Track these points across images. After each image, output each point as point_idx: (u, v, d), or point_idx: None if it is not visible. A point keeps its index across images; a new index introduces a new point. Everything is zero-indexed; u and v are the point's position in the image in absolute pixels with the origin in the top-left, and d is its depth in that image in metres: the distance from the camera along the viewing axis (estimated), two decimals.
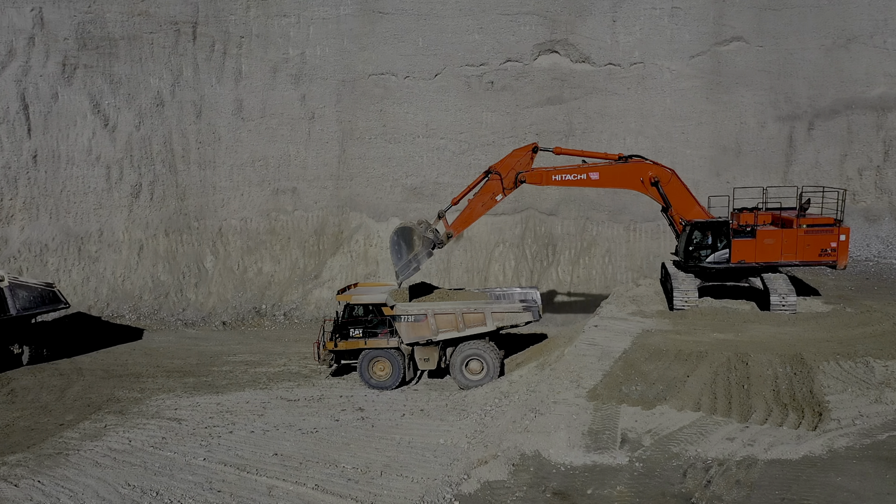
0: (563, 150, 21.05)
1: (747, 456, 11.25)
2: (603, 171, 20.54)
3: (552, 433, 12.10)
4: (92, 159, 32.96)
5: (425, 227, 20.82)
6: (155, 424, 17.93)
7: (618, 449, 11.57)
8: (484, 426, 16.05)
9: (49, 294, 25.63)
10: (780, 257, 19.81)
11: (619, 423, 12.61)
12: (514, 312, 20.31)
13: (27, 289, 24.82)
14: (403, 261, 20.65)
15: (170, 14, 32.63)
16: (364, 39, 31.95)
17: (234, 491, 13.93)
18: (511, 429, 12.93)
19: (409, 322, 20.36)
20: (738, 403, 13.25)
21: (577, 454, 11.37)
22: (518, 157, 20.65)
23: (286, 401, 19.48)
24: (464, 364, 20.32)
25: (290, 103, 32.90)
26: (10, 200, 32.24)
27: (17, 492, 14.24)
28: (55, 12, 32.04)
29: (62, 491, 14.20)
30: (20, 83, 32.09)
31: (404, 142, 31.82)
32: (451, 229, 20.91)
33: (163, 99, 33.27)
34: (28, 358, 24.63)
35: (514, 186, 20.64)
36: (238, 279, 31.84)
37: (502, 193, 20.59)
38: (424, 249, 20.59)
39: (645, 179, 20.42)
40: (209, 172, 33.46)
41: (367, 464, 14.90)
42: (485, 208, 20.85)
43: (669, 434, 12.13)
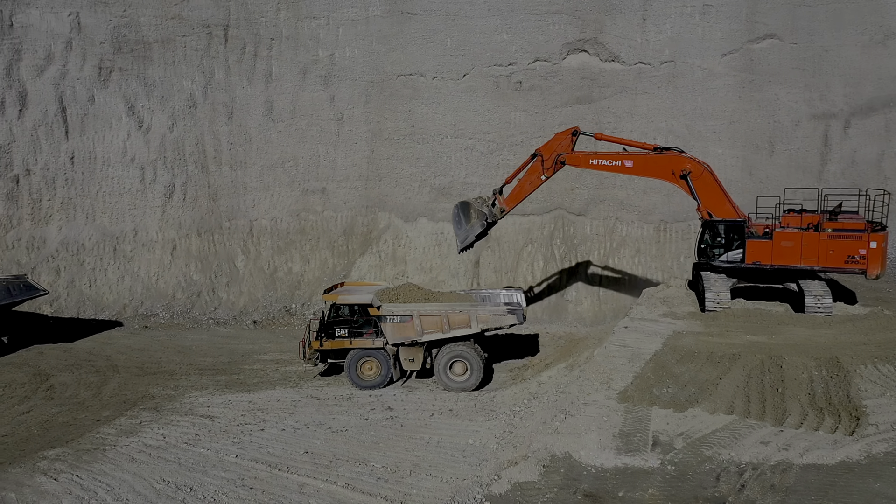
0: (603, 137, 22.16)
1: (782, 460, 11.08)
2: (637, 159, 20.92)
3: (583, 435, 12.04)
4: (127, 160, 33.65)
5: (481, 202, 23.06)
6: (188, 421, 18.23)
7: (649, 451, 11.48)
8: (513, 427, 16.04)
9: (20, 285, 26.62)
10: (798, 261, 19.27)
11: (651, 425, 12.50)
12: (498, 315, 20.54)
13: None
14: (462, 231, 23.04)
15: (202, 17, 33.14)
16: (393, 40, 32.09)
17: (265, 488, 14.11)
18: (541, 430, 12.90)
19: (394, 323, 20.57)
20: (772, 407, 13.05)
21: (608, 456, 11.30)
22: (560, 140, 21.91)
23: (316, 399, 19.68)
24: (448, 366, 20.46)
25: (319, 104, 33.19)
26: (49, 201, 33.05)
27: (57, 486, 14.60)
28: (92, 17, 32.75)
29: (99, 485, 14.52)
30: (58, 86, 32.87)
31: (432, 142, 31.90)
32: (503, 204, 22.70)
33: (195, 101, 33.80)
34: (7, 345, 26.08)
35: (555, 167, 21.84)
36: (268, 278, 32.21)
37: (545, 174, 21.96)
38: (479, 221, 22.63)
39: (676, 172, 20.35)
40: (240, 173, 33.91)
41: (396, 463, 14.98)
42: (531, 187, 22.37)
43: (702, 437, 11.99)
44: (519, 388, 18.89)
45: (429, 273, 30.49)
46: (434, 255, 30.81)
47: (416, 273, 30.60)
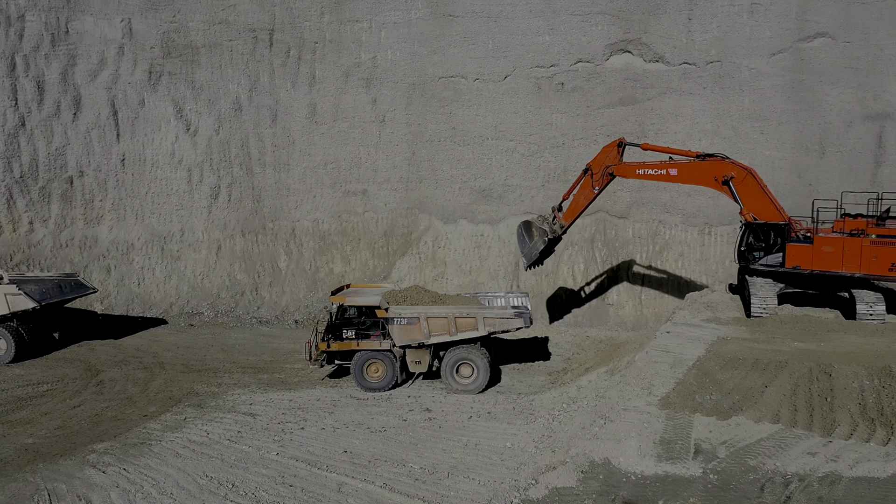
0: (649, 146, 22.52)
1: (830, 472, 10.74)
2: (681, 167, 21.08)
3: (622, 441, 11.87)
4: (174, 162, 34.51)
5: (542, 220, 24.24)
6: (231, 418, 18.58)
7: (691, 459, 11.25)
8: (551, 431, 15.92)
9: (71, 283, 27.44)
10: (840, 267, 18.66)
11: (693, 432, 12.25)
12: (505, 318, 20.51)
13: (37, 282, 26.47)
14: (526, 249, 24.18)
15: (248, 22, 33.78)
16: (434, 43, 32.19)
17: (305, 486, 14.29)
18: (580, 435, 12.76)
19: (401, 325, 20.53)
20: (820, 417, 12.66)
21: (648, 463, 11.11)
22: (608, 153, 22.50)
23: (355, 399, 19.86)
24: (454, 368, 20.42)
25: (361, 107, 33.50)
26: (101, 202, 34.10)
27: (105, 478, 15.03)
28: (143, 23, 33.69)
29: (146, 479, 14.90)
30: (110, 90, 33.90)
31: (473, 144, 31.88)
32: (562, 220, 23.65)
33: (241, 104, 34.47)
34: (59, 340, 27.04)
35: (604, 179, 22.43)
36: (310, 279, 32.62)
37: (597, 186, 22.63)
38: (541, 238, 23.72)
39: (718, 177, 20.13)
40: (283, 175, 34.44)
41: (434, 464, 15.01)
42: (586, 200, 23.17)
43: (746, 446, 11.70)
44: (558, 392, 18.73)
45: (468, 275, 30.48)
46: (474, 256, 30.79)
47: (456, 275, 30.63)
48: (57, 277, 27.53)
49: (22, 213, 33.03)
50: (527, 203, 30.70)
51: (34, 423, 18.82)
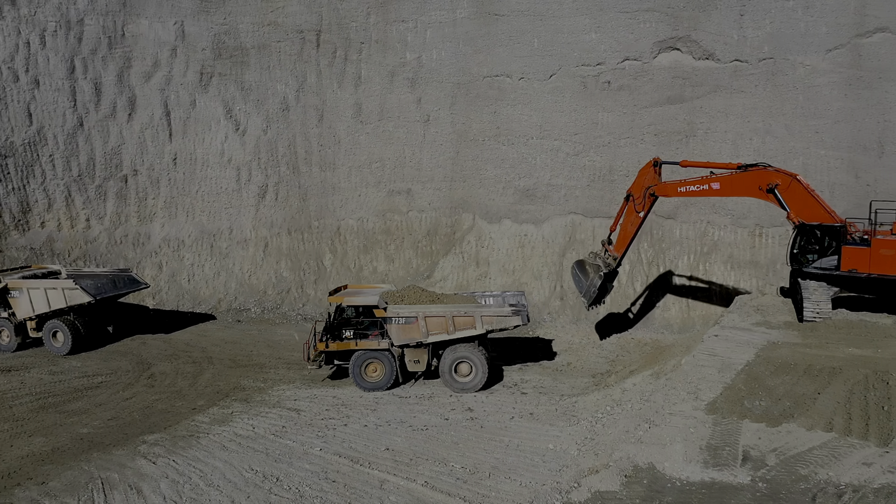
0: (689, 163, 21.91)
1: (887, 483, 10.33)
2: (723, 180, 20.62)
3: (667, 446, 11.64)
4: (224, 161, 35.30)
5: (594, 257, 23.66)
6: (276, 413, 18.90)
7: (739, 466, 10.96)
8: (594, 434, 15.72)
9: (124, 279, 28.27)
10: None
11: (741, 439, 11.94)
12: (503, 316, 20.59)
13: (92, 277, 27.31)
14: (584, 288, 23.23)
15: (296, 23, 34.29)
16: (479, 42, 32.14)
17: (347, 482, 14.43)
18: (623, 438, 12.56)
19: (399, 324, 20.58)
20: (876, 426, 12.19)
21: (694, 469, 10.87)
22: (645, 174, 22.06)
23: (398, 397, 19.96)
24: (453, 367, 20.50)
25: (406, 106, 33.67)
26: (153, 200, 35.11)
27: (155, 469, 15.46)
28: (195, 25, 34.53)
29: (193, 471, 15.26)
30: (164, 91, 34.87)
31: (518, 143, 31.72)
32: (614, 252, 22.99)
33: (288, 104, 35.03)
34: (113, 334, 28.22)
35: (647, 202, 21.85)
36: (354, 277, 32.93)
37: (642, 210, 22.04)
38: (597, 274, 22.94)
39: (763, 186, 19.62)
40: (329, 174, 34.86)
41: (475, 464, 14.99)
42: (633, 227, 22.47)
43: (797, 454, 11.35)
44: (601, 395, 18.49)
45: (511, 275, 30.34)
46: (517, 256, 30.63)
47: (499, 275, 30.53)
48: (111, 273, 28.45)
49: (80, 210, 34.24)
50: (571, 203, 30.41)
51: (89, 414, 19.48)
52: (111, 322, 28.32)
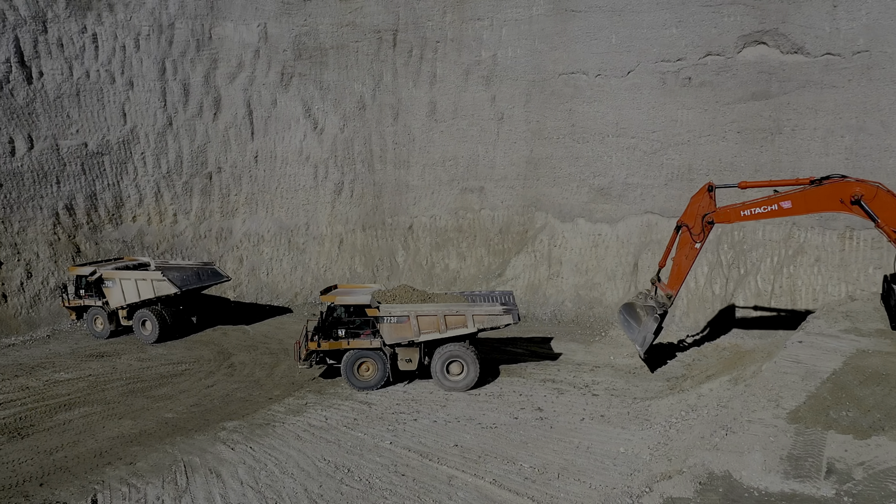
0: (748, 184, 20.18)
1: None
2: (796, 198, 18.79)
3: (745, 454, 11.21)
4: (302, 159, 36.30)
5: (645, 297, 21.22)
6: (348, 406, 19.30)
7: (822, 479, 10.45)
8: (668, 439, 15.33)
9: (208, 271, 29.32)
10: None
11: (826, 450, 11.37)
12: (494, 315, 20.63)
13: (178, 269, 28.39)
14: (636, 334, 20.85)
15: (373, 23, 34.85)
16: (555, 39, 31.79)
17: (416, 476, 14.59)
18: (698, 445, 12.18)
19: (391, 323, 20.53)
20: None
21: (773, 479, 10.43)
22: (698, 202, 20.18)
23: (467, 394, 20.03)
24: (444, 366, 20.46)
25: (480, 104, 33.68)
26: (236, 196, 36.46)
27: (233, 454, 16.08)
28: (277, 27, 35.62)
29: (269, 458, 15.79)
30: (247, 91, 36.14)
31: (593, 141, 31.21)
32: (668, 290, 20.84)
33: (364, 103, 35.65)
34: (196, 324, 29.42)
35: (704, 231, 20.02)
36: (426, 274, 33.22)
37: (698, 241, 20.16)
38: (651, 317, 20.64)
39: (845, 199, 18.10)
40: (403, 172, 35.29)
41: (544, 464, 14.89)
42: (689, 261, 20.48)
43: (887, 469, 10.72)
44: (676, 399, 17.98)
45: (584, 275, 29.91)
46: (591, 256, 30.16)
47: (571, 274, 30.15)
48: (196, 266, 29.72)
49: (167, 205, 35.92)
50: (648, 202, 29.69)
51: (173, 399, 20.42)
52: (195, 313, 29.58)
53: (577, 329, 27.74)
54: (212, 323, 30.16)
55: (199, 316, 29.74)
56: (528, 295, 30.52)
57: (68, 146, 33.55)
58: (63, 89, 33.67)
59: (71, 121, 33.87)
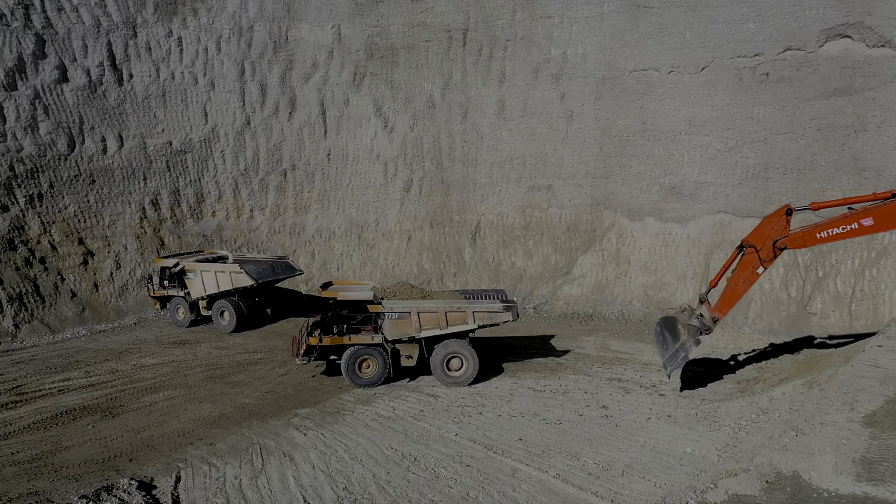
0: (821, 205, 18.48)
1: None
2: (878, 213, 17.17)
3: (816, 455, 10.98)
4: (373, 157, 37.12)
5: (689, 314, 19.30)
6: (415, 398, 19.76)
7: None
8: (737, 441, 15.10)
9: (282, 265, 30.23)
10: None
11: None
12: (494, 312, 20.89)
13: (255, 262, 29.35)
14: (670, 351, 19.18)
15: (444, 23, 35.30)
16: (627, 35, 31.43)
17: (480, 467, 14.88)
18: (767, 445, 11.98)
19: (393, 319, 20.58)
20: None
21: (844, 482, 10.20)
22: (771, 225, 18.61)
23: (532, 390, 20.17)
24: (445, 362, 20.74)
25: (549, 102, 33.64)
26: (308, 192, 37.63)
27: (305, 440, 16.77)
28: (350, 28, 36.55)
29: (339, 444, 16.39)
30: (320, 91, 37.24)
31: (664, 139, 30.71)
32: (715, 312, 18.95)
33: (434, 101, 36.16)
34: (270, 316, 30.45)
35: (773, 256, 18.52)
36: (493, 271, 33.45)
37: (762, 266, 18.58)
38: (691, 338, 18.90)
39: None
40: (471, 169, 35.61)
41: (608, 461, 14.91)
42: (746, 284, 18.80)
43: None
44: (747, 402, 17.62)
45: (653, 274, 29.49)
46: (660, 256, 29.71)
47: (640, 274, 29.77)
48: (271, 259, 30.89)
49: (244, 201, 37.41)
50: (721, 201, 29.02)
51: (250, 386, 21.38)
52: (269, 304, 30.75)
53: (645, 329, 27.39)
54: (285, 315, 31.28)
55: (274, 307, 30.89)
56: (594, 294, 30.34)
57: (154, 144, 35.39)
58: (150, 91, 35.53)
59: (157, 120, 35.71)
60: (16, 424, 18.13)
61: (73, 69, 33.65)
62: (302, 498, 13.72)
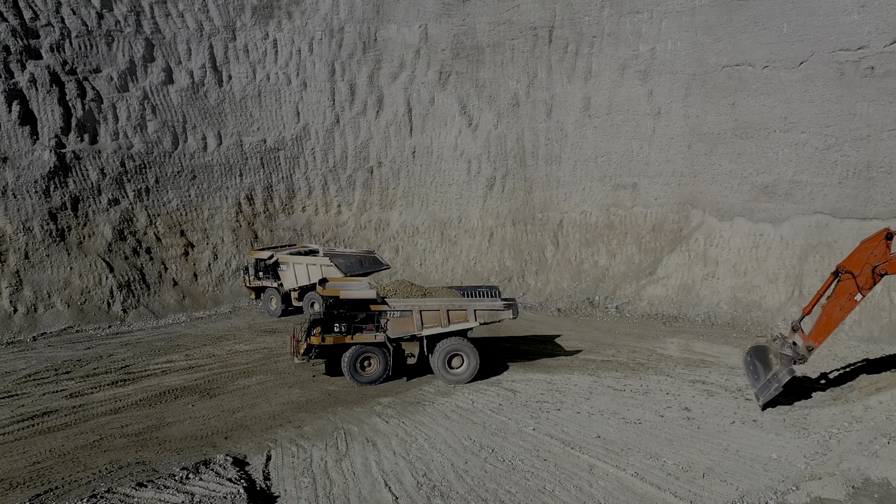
0: None
1: None
2: None
3: None
4: (456, 155, 37.61)
5: (781, 343, 18.34)
6: (494, 391, 20.05)
7: None
8: (827, 449, 14.58)
9: (370, 259, 30.84)
10: None
11: None
12: (496, 310, 21.12)
13: (344, 256, 30.03)
14: (762, 382, 18.32)
15: (530, 20, 35.34)
16: (720, 30, 30.52)
17: (557, 462, 15.00)
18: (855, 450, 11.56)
19: (395, 318, 20.43)
20: None
21: None
22: (870, 249, 17.55)
23: (612, 389, 20.05)
24: (446, 360, 20.79)
25: (636, 99, 33.10)
26: (393, 189, 38.52)
27: (387, 427, 17.36)
28: (437, 27, 37.15)
29: (419, 433, 16.88)
30: (407, 90, 38.05)
31: (757, 137, 29.63)
32: (810, 341, 17.92)
33: (518, 99, 36.27)
34: None
35: (872, 283, 17.46)
36: (574, 270, 33.27)
37: (860, 293, 17.48)
38: (784, 368, 17.84)
39: None
40: (554, 167, 35.51)
41: (689, 463, 14.72)
42: (843, 312, 17.79)
43: None
44: (840, 409, 16.93)
45: (742, 276, 28.55)
46: (750, 257, 28.73)
47: (728, 275, 28.90)
48: (360, 254, 31.83)
49: (333, 197, 38.71)
50: (817, 202, 27.77)
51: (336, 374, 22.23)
52: None
53: (733, 332, 26.63)
54: None
55: None
56: (680, 295, 29.69)
57: (250, 142, 37.16)
58: (247, 91, 37.32)
59: (253, 119, 37.47)
60: (125, 401, 19.63)
61: (178, 71, 35.79)
62: (383, 482, 14.26)
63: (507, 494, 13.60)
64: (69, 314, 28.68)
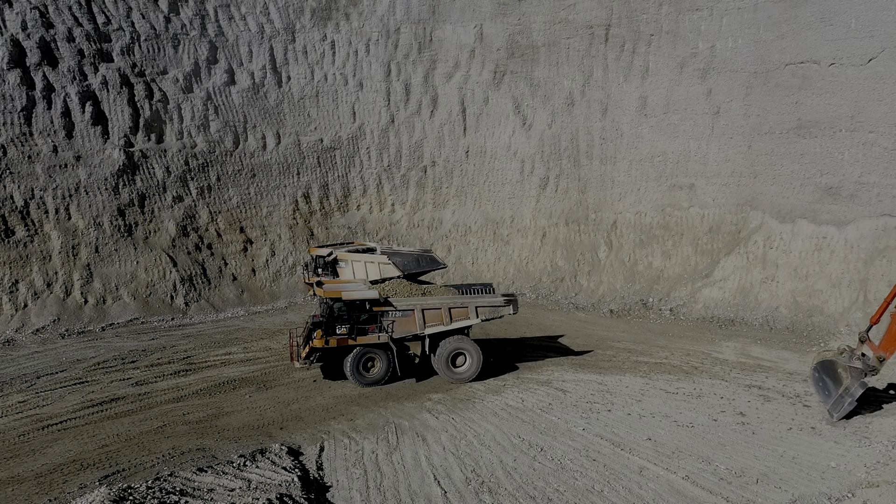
0: None
1: None
2: None
3: None
4: (510, 154, 37.64)
5: (849, 356, 17.51)
6: (544, 391, 20.06)
7: None
8: (889, 459, 14.11)
9: (426, 258, 30.83)
10: None
11: None
12: (497, 306, 21.16)
13: (401, 255, 30.12)
14: (833, 397, 17.43)
15: (586, 19, 35.08)
16: (783, 27, 29.68)
17: (607, 463, 14.95)
18: None
19: (397, 317, 20.27)
20: None
21: None
22: None
23: (664, 392, 19.81)
24: (449, 359, 20.78)
25: (694, 98, 32.49)
26: (447, 188, 38.79)
27: (437, 422, 17.60)
28: (492, 27, 37.25)
29: (469, 430, 17.06)
30: (461, 90, 38.26)
31: (822, 136, 28.71)
32: (881, 351, 17.07)
33: (573, 99, 36.05)
34: None
35: None
36: (628, 271, 32.88)
37: None
38: (856, 381, 17.00)
39: None
40: (609, 167, 35.15)
41: (742, 468, 14.47)
42: None
43: None
44: None
45: (804, 280, 27.72)
46: (812, 261, 27.86)
47: (789, 279, 28.10)
48: (416, 252, 32.12)
49: (387, 196, 39.22)
50: (886, 204, 26.73)
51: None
52: None
53: (792, 337, 25.91)
54: None
55: None
56: (737, 298, 29.03)
57: (307, 142, 38.00)
58: (305, 91, 38.16)
59: (310, 119, 38.31)
60: (186, 390, 20.44)
61: (240, 73, 36.88)
62: (433, 476, 14.49)
63: (556, 493, 13.64)
64: (135, 306, 29.94)
